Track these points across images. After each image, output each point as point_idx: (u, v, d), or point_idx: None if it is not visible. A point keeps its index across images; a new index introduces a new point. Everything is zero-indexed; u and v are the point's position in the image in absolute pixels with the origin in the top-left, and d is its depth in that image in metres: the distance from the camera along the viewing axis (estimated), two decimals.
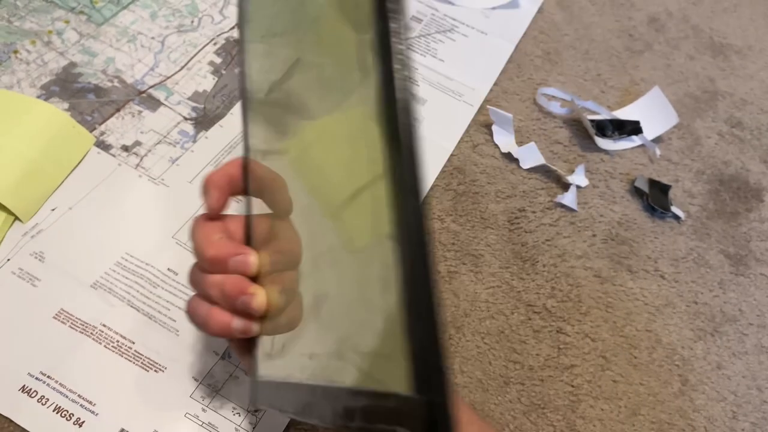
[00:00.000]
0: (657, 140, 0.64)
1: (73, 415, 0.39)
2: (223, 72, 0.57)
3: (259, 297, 0.31)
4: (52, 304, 0.43)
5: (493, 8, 0.71)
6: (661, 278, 0.55)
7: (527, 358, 0.48)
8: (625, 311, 0.52)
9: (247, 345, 0.34)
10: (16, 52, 0.53)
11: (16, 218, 0.46)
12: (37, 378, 0.40)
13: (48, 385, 0.40)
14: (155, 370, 0.42)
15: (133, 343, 0.42)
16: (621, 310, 0.52)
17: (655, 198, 0.59)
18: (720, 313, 0.54)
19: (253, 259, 0.32)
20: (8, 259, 0.44)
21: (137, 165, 0.50)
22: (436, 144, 0.58)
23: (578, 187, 0.58)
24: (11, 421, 0.39)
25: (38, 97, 0.51)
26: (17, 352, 0.41)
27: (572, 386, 0.48)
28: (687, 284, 0.55)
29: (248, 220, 0.34)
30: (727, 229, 0.60)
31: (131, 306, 0.44)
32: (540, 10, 0.73)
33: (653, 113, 0.65)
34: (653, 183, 0.60)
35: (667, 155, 0.64)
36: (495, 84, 0.65)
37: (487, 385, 0.47)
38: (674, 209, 0.59)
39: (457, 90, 0.63)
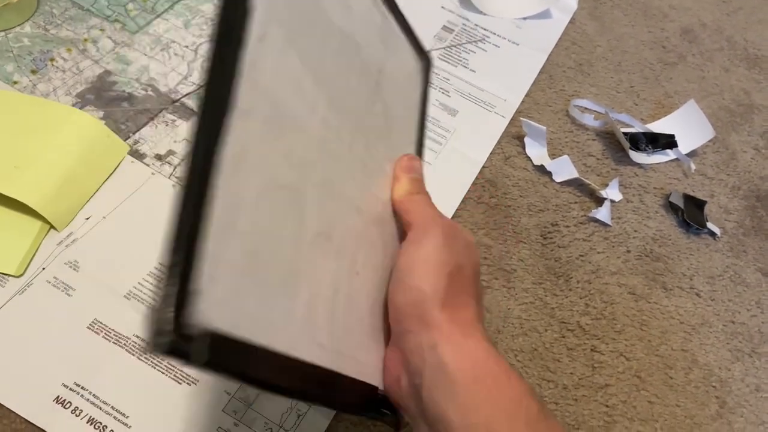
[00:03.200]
0: (691, 154, 0.63)
1: (106, 427, 0.39)
2: None
3: None
4: (86, 314, 0.43)
5: (525, 18, 0.70)
6: (697, 296, 0.54)
7: (561, 376, 0.48)
8: (660, 330, 0.51)
9: None
10: (52, 60, 0.54)
11: (51, 227, 0.46)
12: (71, 389, 0.40)
13: (82, 396, 0.40)
14: (188, 383, 0.42)
15: None
16: (656, 329, 0.51)
17: (690, 214, 0.58)
18: (758, 333, 0.53)
19: None
20: (43, 268, 0.44)
21: (171, 174, 0.50)
22: (468, 156, 0.58)
23: (612, 201, 0.57)
24: None
25: (73, 105, 0.51)
26: (52, 362, 0.41)
27: (607, 406, 0.47)
28: (724, 303, 0.54)
29: None
30: (764, 246, 0.58)
31: None
32: (572, 21, 0.72)
33: (688, 127, 0.64)
34: (688, 198, 0.59)
35: (702, 170, 0.63)
36: (527, 95, 0.64)
37: None
38: (710, 225, 0.58)
39: (488, 101, 0.62)
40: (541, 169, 0.58)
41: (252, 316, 0.26)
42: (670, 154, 0.62)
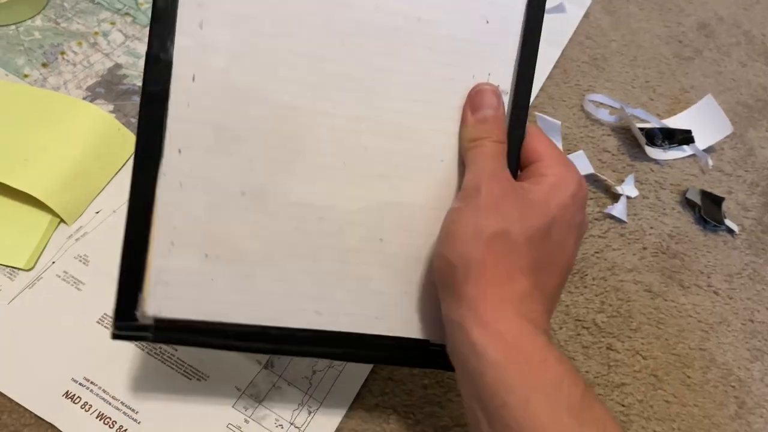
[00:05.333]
0: (708, 150, 0.62)
1: (115, 422, 0.39)
2: None
3: None
4: (96, 309, 0.42)
5: None
6: (715, 294, 0.53)
7: None
8: (677, 328, 0.50)
9: None
10: (63, 53, 0.53)
11: (61, 220, 0.46)
12: (80, 384, 0.40)
13: (91, 391, 0.40)
14: (198, 379, 0.41)
15: (176, 350, 0.42)
16: (673, 327, 0.50)
17: (707, 210, 0.57)
18: None
19: None
20: (53, 262, 0.44)
21: None
22: None
23: (628, 197, 0.57)
24: (54, 427, 0.38)
25: (84, 98, 0.51)
26: (61, 356, 0.40)
27: (623, 406, 0.46)
28: (742, 301, 0.53)
29: None
30: None
31: None
32: (586, 15, 0.71)
33: (705, 122, 0.62)
34: (705, 195, 0.58)
35: (720, 166, 0.62)
36: (541, 90, 0.63)
37: None
38: (728, 222, 0.57)
39: None
40: None
41: (210, 302, 0.33)
42: (686, 150, 0.61)
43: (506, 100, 0.35)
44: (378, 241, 0.34)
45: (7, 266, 0.43)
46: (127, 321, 0.32)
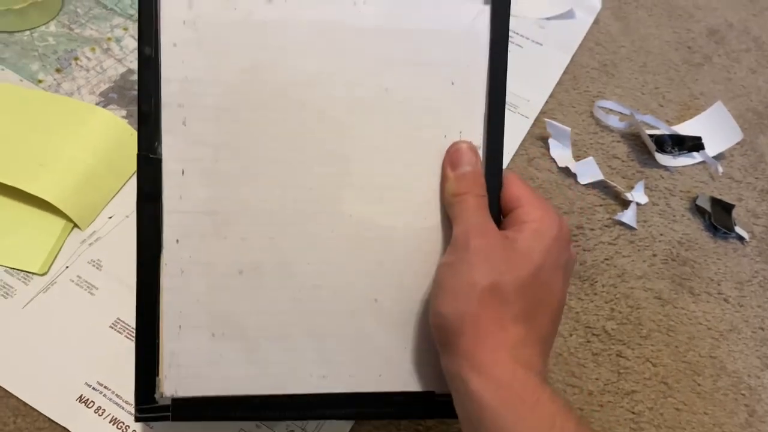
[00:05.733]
0: (718, 157, 0.62)
1: (128, 427, 0.39)
2: None
3: None
4: (109, 313, 0.43)
5: (548, 18, 0.69)
6: (725, 302, 0.53)
7: (586, 382, 0.47)
8: (687, 335, 0.50)
9: None
10: (76, 59, 0.54)
11: (75, 225, 0.46)
12: (94, 388, 0.40)
13: (105, 395, 0.40)
14: None
15: None
16: (683, 335, 0.50)
17: (717, 217, 0.57)
18: None
19: None
20: (67, 267, 0.44)
21: None
22: None
23: (638, 204, 0.57)
24: (68, 431, 0.38)
25: (97, 104, 0.51)
26: (75, 361, 0.41)
27: (633, 413, 0.46)
28: (752, 309, 0.53)
29: None
30: None
31: None
32: (596, 21, 0.71)
33: (715, 129, 0.62)
34: (715, 201, 0.58)
35: (730, 173, 0.62)
36: (550, 96, 0.63)
37: None
38: (738, 229, 0.57)
39: (511, 101, 0.61)
40: (566, 171, 0.58)
41: (221, 377, 0.35)
42: (696, 157, 0.61)
43: (480, 153, 0.36)
44: (373, 301, 0.36)
45: (21, 270, 0.44)
46: (147, 404, 0.34)
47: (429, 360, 0.36)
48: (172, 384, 0.34)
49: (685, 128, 0.63)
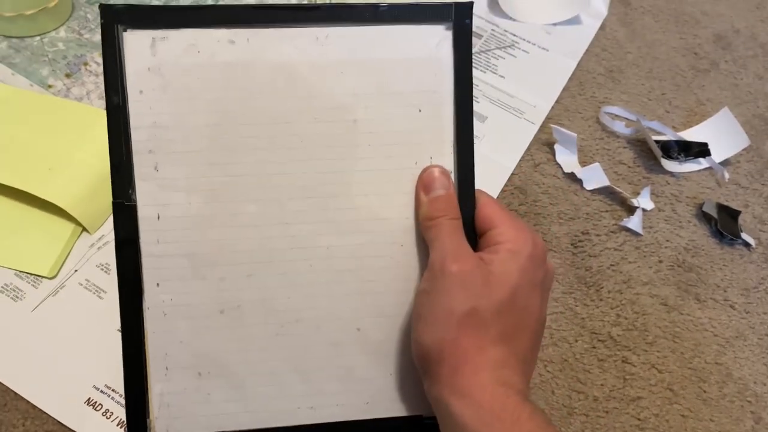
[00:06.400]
0: (725, 163, 0.62)
1: None
2: None
3: None
4: (117, 317, 0.43)
5: (555, 24, 0.70)
6: (731, 308, 0.53)
7: (592, 388, 0.47)
8: (693, 342, 0.50)
9: None
10: (86, 64, 0.54)
11: (84, 229, 0.46)
12: (102, 391, 0.40)
13: (113, 398, 0.40)
14: None
15: None
16: (689, 341, 0.50)
17: (724, 224, 0.57)
18: None
19: None
20: (76, 270, 0.45)
21: None
22: (497, 162, 0.57)
23: (644, 210, 0.57)
24: None
25: None
26: (84, 364, 0.41)
27: (639, 419, 0.46)
28: (759, 315, 0.53)
29: None
30: None
31: None
32: (602, 27, 0.71)
33: (722, 135, 0.62)
34: (722, 208, 0.58)
35: (736, 179, 0.62)
36: (557, 101, 0.63)
37: (551, 415, 0.45)
38: (744, 236, 0.57)
39: (518, 107, 0.62)
40: (572, 177, 0.58)
41: (211, 415, 0.35)
42: (702, 163, 0.61)
43: (452, 177, 0.36)
44: (356, 330, 0.36)
45: (30, 274, 0.44)
46: None
47: (414, 384, 0.36)
48: (164, 425, 0.35)
49: (691, 134, 0.63)
